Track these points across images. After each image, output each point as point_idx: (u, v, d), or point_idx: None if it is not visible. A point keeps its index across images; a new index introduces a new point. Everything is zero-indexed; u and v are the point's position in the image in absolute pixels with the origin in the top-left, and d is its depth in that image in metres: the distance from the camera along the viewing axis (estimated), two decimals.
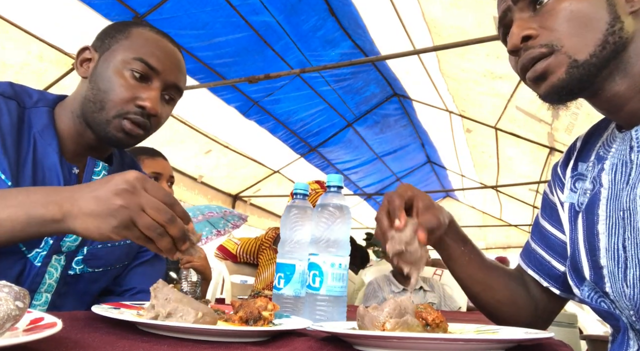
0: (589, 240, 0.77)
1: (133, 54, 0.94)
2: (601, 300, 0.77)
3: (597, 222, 0.76)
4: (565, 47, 0.71)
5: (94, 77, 0.95)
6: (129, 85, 0.93)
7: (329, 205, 0.93)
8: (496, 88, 4.64)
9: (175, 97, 1.02)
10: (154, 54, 0.95)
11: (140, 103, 0.93)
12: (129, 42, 0.96)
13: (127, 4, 3.65)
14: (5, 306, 0.41)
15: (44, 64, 3.90)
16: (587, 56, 0.71)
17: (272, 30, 4.34)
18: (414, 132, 7.03)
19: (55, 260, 0.94)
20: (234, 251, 2.82)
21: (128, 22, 1.01)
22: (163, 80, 0.97)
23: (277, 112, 5.51)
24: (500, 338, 0.59)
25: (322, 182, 2.63)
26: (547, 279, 0.92)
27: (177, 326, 0.59)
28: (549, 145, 5.12)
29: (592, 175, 0.81)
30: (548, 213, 0.95)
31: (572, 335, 2.83)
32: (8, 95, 0.92)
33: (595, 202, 0.77)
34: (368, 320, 0.66)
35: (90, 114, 0.94)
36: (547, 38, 0.73)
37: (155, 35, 0.99)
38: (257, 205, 7.26)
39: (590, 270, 0.77)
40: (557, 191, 0.93)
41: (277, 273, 1.00)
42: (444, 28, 4.21)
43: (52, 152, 0.94)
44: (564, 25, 0.71)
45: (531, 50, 0.74)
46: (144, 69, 0.94)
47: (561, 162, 0.95)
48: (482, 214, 9.30)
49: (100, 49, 0.98)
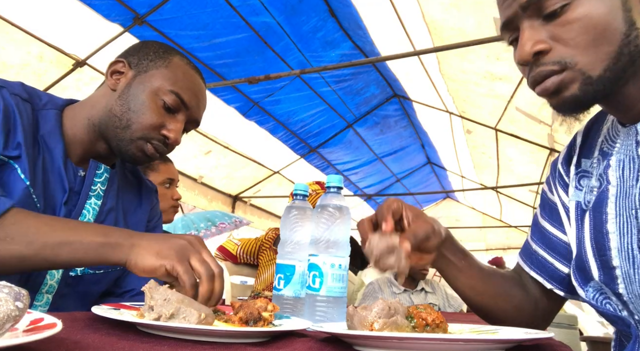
0: (596, 239, 0.75)
1: (170, 86, 0.98)
2: (607, 301, 0.75)
3: (606, 220, 0.73)
4: (579, 64, 0.68)
5: (126, 95, 0.98)
6: (159, 113, 0.97)
7: (328, 205, 0.93)
8: (496, 89, 4.64)
9: (191, 129, 1.08)
10: (189, 89, 1.00)
11: (166, 133, 0.98)
12: (169, 72, 0.99)
13: (127, 4, 3.65)
14: (5, 306, 0.41)
15: (44, 64, 3.91)
16: (602, 71, 0.68)
17: (272, 31, 4.34)
18: (414, 133, 7.03)
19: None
20: (234, 252, 2.82)
21: (169, 49, 1.04)
22: (188, 115, 1.02)
23: (277, 113, 5.51)
24: (500, 338, 0.59)
25: (322, 182, 2.63)
26: (551, 281, 0.90)
27: (177, 327, 0.59)
28: (549, 146, 5.12)
29: (598, 172, 0.78)
30: (548, 213, 0.93)
31: (572, 336, 2.83)
32: (24, 98, 0.93)
33: (603, 200, 0.74)
34: (357, 319, 0.66)
35: (113, 129, 0.97)
36: (560, 54, 0.69)
37: (191, 70, 1.03)
38: (257, 205, 7.26)
39: (599, 270, 0.74)
40: (558, 190, 0.90)
41: (277, 274, 1.00)
42: (444, 29, 4.22)
43: (58, 156, 0.95)
44: (578, 39, 0.67)
45: (543, 68, 0.70)
46: (176, 102, 0.98)
47: (562, 158, 0.91)
48: (482, 215, 9.30)
49: (137, 68, 1.00)
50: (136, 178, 1.18)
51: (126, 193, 1.11)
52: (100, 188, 1.02)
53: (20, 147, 0.87)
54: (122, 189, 1.10)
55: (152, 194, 1.21)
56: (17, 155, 0.87)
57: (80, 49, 3.95)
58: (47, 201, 0.92)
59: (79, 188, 0.98)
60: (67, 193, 0.95)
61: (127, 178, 1.14)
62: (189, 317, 0.62)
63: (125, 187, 1.12)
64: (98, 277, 1.02)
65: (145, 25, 3.83)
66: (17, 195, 0.85)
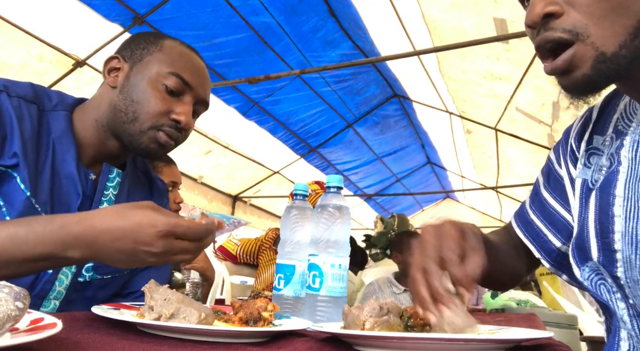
0: (600, 221, 0.71)
1: (168, 68, 0.94)
2: (601, 282, 0.73)
3: (612, 203, 0.70)
4: (592, 36, 0.62)
5: (126, 88, 0.95)
6: (164, 98, 0.94)
7: (328, 205, 0.93)
8: (496, 89, 4.64)
9: (201, 111, 1.03)
10: (188, 69, 0.96)
11: (175, 117, 0.94)
12: (163, 56, 0.96)
13: (127, 4, 3.65)
14: (5, 306, 0.41)
15: (44, 64, 3.91)
16: (617, 48, 0.62)
17: (272, 31, 4.34)
18: (414, 133, 7.03)
19: (67, 268, 0.93)
20: (234, 252, 2.82)
21: (158, 34, 1.01)
22: (194, 96, 0.98)
23: (277, 113, 5.51)
24: (500, 338, 0.59)
25: (322, 182, 2.63)
26: (541, 252, 0.89)
27: (178, 327, 0.59)
28: (549, 146, 5.12)
29: (610, 151, 0.74)
30: (552, 186, 0.90)
31: (572, 336, 2.83)
32: (30, 99, 0.90)
33: (612, 181, 0.71)
34: (350, 318, 0.67)
35: (121, 124, 0.94)
36: (572, 21, 0.63)
37: (186, 49, 0.99)
38: (257, 205, 7.26)
39: (599, 251, 0.72)
40: (567, 163, 0.86)
41: (277, 273, 1.00)
42: (444, 29, 4.22)
43: (70, 159, 0.92)
44: (594, 5, 0.61)
45: (551, 32, 0.65)
46: (178, 84, 0.95)
47: (575, 132, 0.86)
48: (482, 215, 9.30)
49: (131, 59, 0.97)
50: (147, 178, 1.15)
51: (136, 193, 1.08)
52: (112, 193, 1.00)
53: (18, 156, 0.83)
54: (132, 190, 1.07)
55: (163, 194, 1.18)
56: (15, 164, 0.83)
57: (80, 49, 3.95)
58: (59, 208, 0.90)
59: (91, 193, 0.95)
60: (80, 197, 0.92)
61: (138, 179, 1.12)
62: (189, 317, 0.62)
63: (135, 188, 1.09)
64: (106, 282, 1.00)
65: (145, 25, 3.83)
66: (18, 206, 0.83)
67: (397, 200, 9.04)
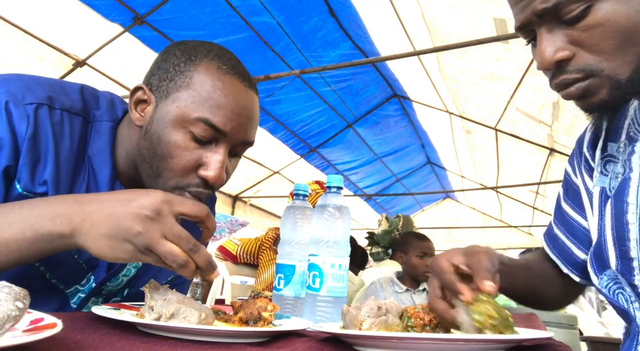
0: (617, 228, 0.72)
1: (195, 112, 0.76)
2: (619, 291, 0.73)
3: (626, 210, 0.70)
4: (605, 70, 0.63)
5: (150, 133, 0.79)
6: (189, 150, 0.78)
7: (328, 205, 0.93)
8: (496, 89, 4.64)
9: (244, 150, 0.87)
10: (222, 109, 0.78)
11: (203, 174, 0.78)
12: (191, 93, 0.77)
13: (127, 4, 3.65)
14: (5, 306, 0.41)
15: (44, 64, 3.91)
16: (631, 73, 0.63)
17: (272, 31, 4.34)
18: (414, 133, 7.02)
19: (92, 302, 0.88)
20: (234, 252, 2.82)
21: (193, 55, 0.81)
22: (230, 142, 0.81)
23: (277, 113, 5.51)
24: (500, 338, 0.59)
25: (322, 182, 2.63)
26: (567, 265, 0.90)
27: (178, 327, 0.59)
28: (549, 146, 5.12)
29: (623, 158, 0.74)
30: (571, 196, 0.90)
31: (572, 336, 2.83)
32: (76, 111, 0.81)
33: (624, 189, 0.71)
34: (349, 318, 0.67)
35: (146, 176, 0.82)
36: (584, 61, 0.64)
37: (224, 76, 0.80)
38: (257, 205, 7.26)
39: (617, 259, 0.72)
40: (583, 174, 0.86)
41: (277, 274, 1.00)
42: (443, 29, 4.22)
43: (103, 180, 0.83)
44: (602, 44, 0.62)
45: (567, 76, 0.66)
46: (206, 131, 0.77)
47: (587, 140, 0.86)
48: (482, 215, 9.29)
49: (157, 92, 0.81)
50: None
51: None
52: None
53: (47, 184, 0.75)
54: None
55: (211, 204, 1.08)
56: (44, 192, 0.75)
57: (80, 49, 3.96)
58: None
59: None
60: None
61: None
62: (189, 317, 0.62)
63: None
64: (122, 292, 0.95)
65: (145, 25, 3.83)
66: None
67: (397, 200, 9.04)
